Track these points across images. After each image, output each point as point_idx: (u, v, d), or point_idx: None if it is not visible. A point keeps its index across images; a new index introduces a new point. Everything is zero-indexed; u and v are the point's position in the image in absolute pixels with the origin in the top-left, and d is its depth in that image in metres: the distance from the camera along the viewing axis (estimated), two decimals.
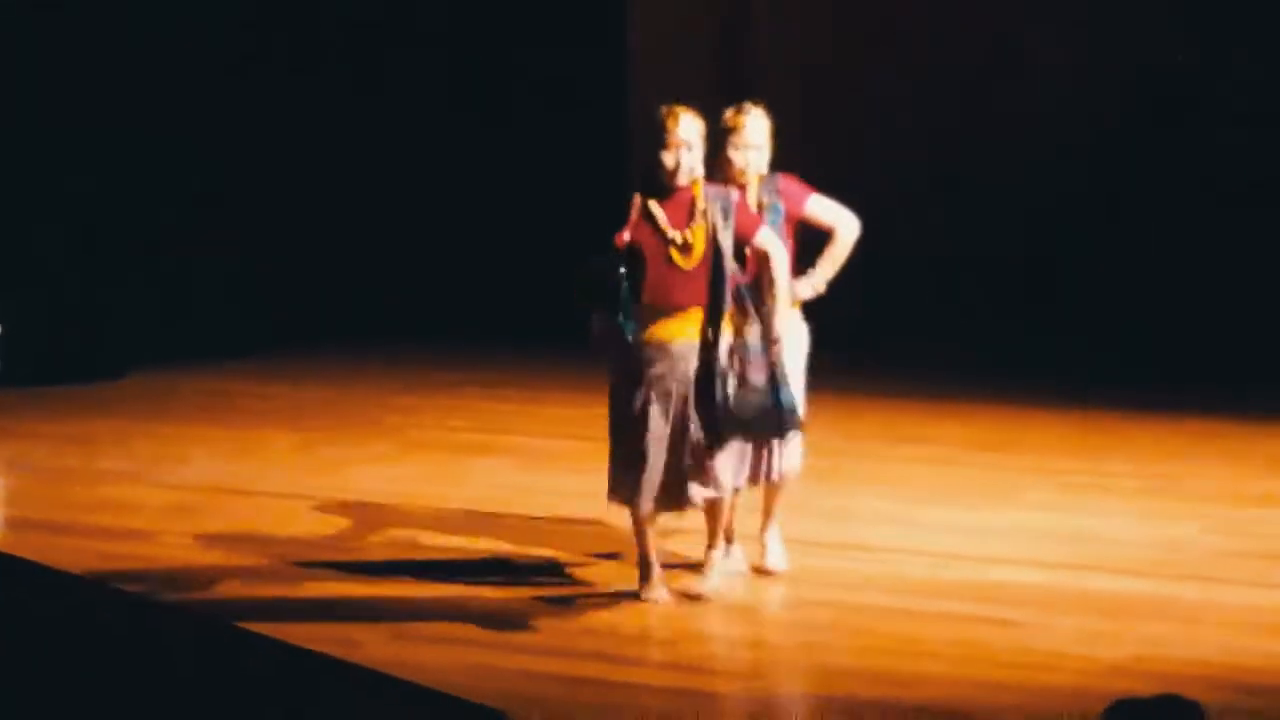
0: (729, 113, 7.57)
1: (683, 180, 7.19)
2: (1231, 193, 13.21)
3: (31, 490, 9.47)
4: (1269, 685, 6.37)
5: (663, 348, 7.19)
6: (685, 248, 7.17)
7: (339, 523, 8.61)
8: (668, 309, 7.19)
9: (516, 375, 12.08)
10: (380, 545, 8.20)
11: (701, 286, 7.17)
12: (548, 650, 6.74)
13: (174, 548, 8.21)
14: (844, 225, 7.67)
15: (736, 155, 7.52)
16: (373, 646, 6.75)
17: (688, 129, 7.20)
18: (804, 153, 8.06)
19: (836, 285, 7.73)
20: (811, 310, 7.76)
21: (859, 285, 8.22)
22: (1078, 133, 13.49)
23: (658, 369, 7.18)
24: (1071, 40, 13.56)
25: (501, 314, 13.23)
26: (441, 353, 13.00)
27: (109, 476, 9.65)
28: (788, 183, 7.65)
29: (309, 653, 6.63)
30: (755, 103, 7.64)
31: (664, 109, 7.24)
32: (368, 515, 8.73)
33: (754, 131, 7.54)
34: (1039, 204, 13.57)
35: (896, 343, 13.18)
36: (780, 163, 7.74)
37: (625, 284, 7.12)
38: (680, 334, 7.18)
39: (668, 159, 7.18)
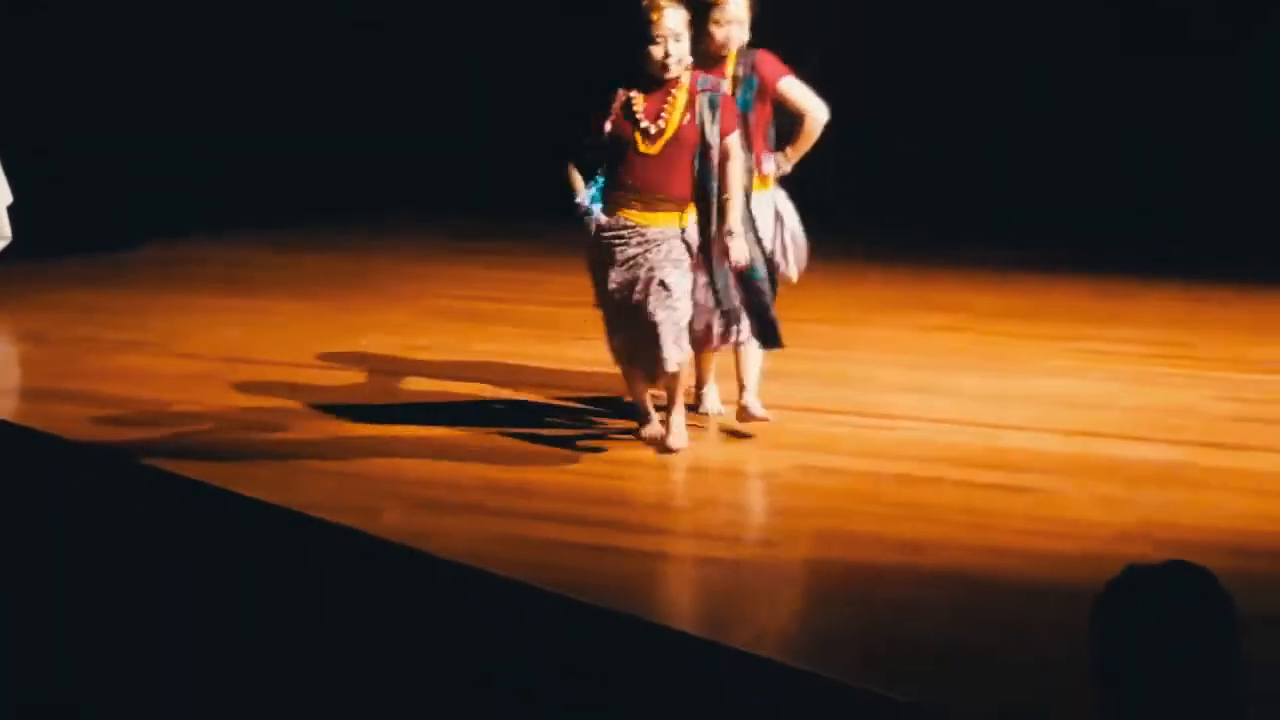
0: None
1: (674, 71, 7.27)
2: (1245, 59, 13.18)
3: (44, 360, 9.51)
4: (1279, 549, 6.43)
5: (637, 230, 7.34)
6: (649, 135, 7.30)
7: (355, 392, 8.66)
8: (642, 194, 7.34)
9: (528, 244, 12.09)
10: (396, 415, 8.24)
11: (681, 176, 7.32)
12: (568, 519, 6.80)
13: (188, 417, 8.25)
14: (812, 111, 7.78)
15: (718, 30, 7.61)
16: (394, 517, 6.81)
17: (674, 20, 7.26)
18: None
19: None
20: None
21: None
22: None
23: (630, 250, 7.32)
24: None
25: (514, 185, 13.22)
26: (454, 222, 13.00)
27: (122, 346, 9.68)
28: (764, 58, 7.73)
29: (329, 524, 6.70)
30: None
31: (646, 2, 7.28)
32: (383, 385, 8.77)
33: (735, 6, 7.61)
34: (1050, 71, 13.53)
35: (905, 214, 13.21)
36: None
37: (595, 165, 7.38)
38: (656, 220, 7.34)
39: (656, 51, 7.24)
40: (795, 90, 7.77)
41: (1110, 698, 3.16)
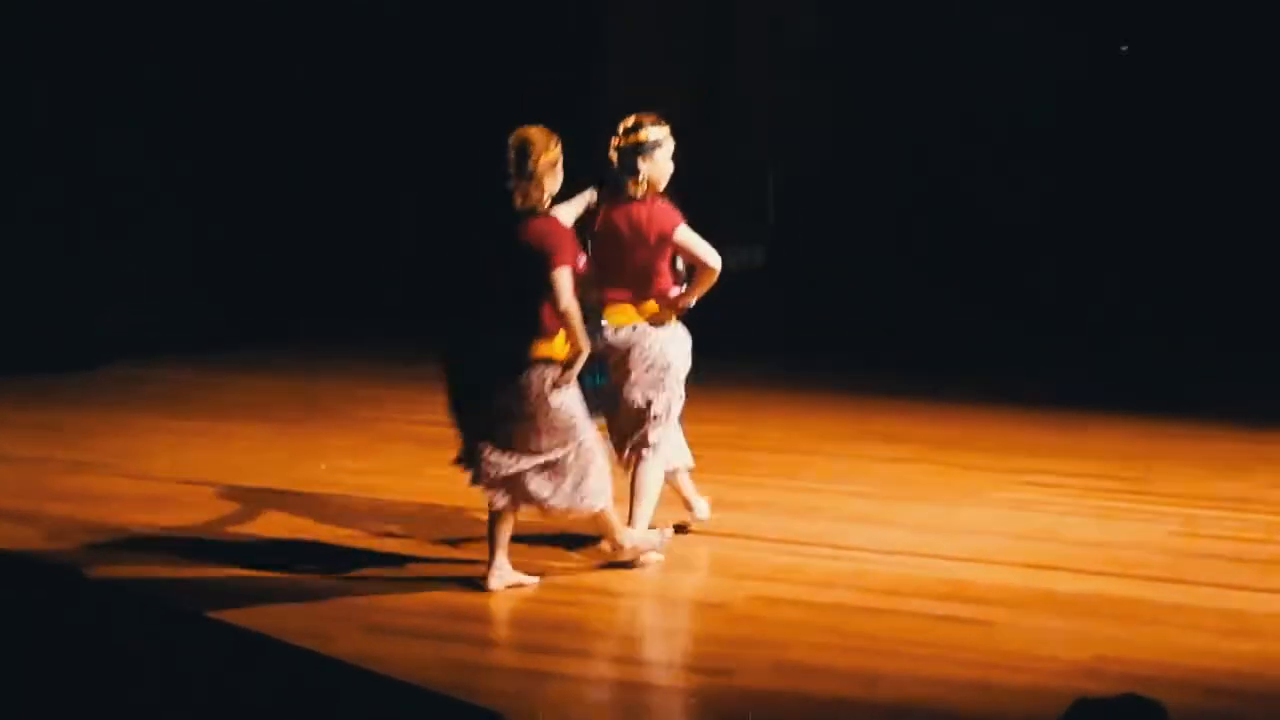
0: (649, 124, 7.74)
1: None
2: (1195, 191, 13.37)
3: (0, 478, 9.45)
4: (1231, 686, 6.43)
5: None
6: None
7: (309, 514, 8.62)
8: None
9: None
10: (350, 538, 8.21)
11: None
12: (520, 646, 6.77)
13: (143, 538, 8.21)
14: None
15: (669, 165, 7.85)
16: (344, 640, 6.77)
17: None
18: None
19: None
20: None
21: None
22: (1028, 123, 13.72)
23: None
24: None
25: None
26: (410, 345, 13.00)
27: (78, 466, 9.65)
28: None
29: (281, 644, 6.66)
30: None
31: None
32: (337, 507, 8.74)
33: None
34: (1002, 214, 13.73)
35: (864, 343, 13.31)
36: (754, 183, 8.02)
37: None
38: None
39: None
40: None
41: None
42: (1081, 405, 11.30)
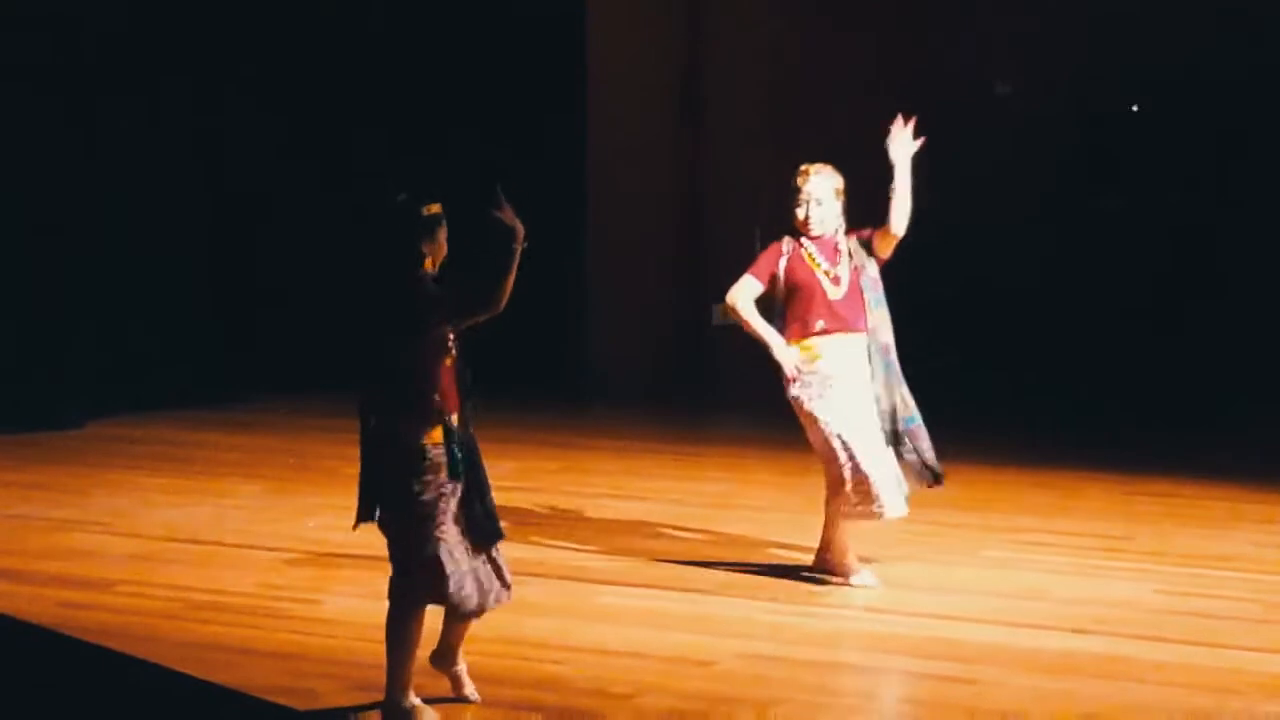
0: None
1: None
2: (1184, 251, 13.43)
3: None
4: None
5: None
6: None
7: (298, 572, 8.64)
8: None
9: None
10: (339, 596, 8.22)
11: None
12: (502, 703, 6.77)
13: (132, 596, 8.23)
14: None
15: (799, 210, 8.36)
16: (332, 698, 6.77)
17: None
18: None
19: None
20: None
21: None
22: (1026, 192, 13.75)
23: None
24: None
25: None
26: None
27: (67, 525, 9.66)
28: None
29: (268, 704, 6.66)
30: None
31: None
32: (326, 565, 8.75)
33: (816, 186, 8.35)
34: (997, 257, 13.76)
35: None
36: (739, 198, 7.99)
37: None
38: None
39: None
40: None
41: None
42: (1068, 465, 11.34)
